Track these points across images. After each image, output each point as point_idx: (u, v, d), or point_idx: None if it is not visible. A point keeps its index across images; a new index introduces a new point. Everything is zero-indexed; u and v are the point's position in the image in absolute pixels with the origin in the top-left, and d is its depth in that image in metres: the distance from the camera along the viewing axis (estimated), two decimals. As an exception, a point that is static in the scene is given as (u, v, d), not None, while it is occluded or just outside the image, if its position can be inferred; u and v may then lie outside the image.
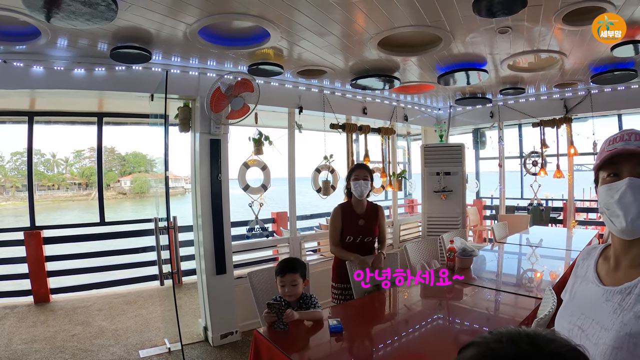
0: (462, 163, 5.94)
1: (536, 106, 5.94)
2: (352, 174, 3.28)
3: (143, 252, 5.88)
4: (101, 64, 3.47)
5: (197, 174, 3.91)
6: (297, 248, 4.86)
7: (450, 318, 2.52)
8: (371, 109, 5.60)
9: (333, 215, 3.29)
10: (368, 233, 3.27)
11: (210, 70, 3.94)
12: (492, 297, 2.80)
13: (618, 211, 1.04)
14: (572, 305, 1.18)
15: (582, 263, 1.24)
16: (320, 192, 5.07)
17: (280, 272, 2.43)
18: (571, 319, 1.13)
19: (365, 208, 3.32)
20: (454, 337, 2.22)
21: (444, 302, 2.84)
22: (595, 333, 1.04)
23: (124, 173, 57.62)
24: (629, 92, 5.16)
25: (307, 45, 3.37)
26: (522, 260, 3.97)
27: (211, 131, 3.86)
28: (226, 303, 4.01)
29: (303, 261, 2.56)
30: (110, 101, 4.80)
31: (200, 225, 3.93)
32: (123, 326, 4.33)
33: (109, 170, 54.59)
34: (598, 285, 1.11)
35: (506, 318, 2.47)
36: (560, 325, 1.18)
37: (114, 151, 57.33)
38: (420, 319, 2.47)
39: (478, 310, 2.63)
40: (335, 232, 3.25)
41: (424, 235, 6.10)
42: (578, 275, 1.23)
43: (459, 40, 3.38)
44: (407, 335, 2.20)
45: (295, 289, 2.41)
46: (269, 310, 2.16)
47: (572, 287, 1.23)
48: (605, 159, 1.07)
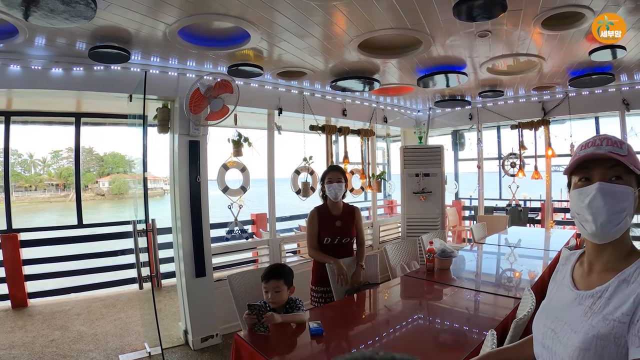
0: (441, 164, 6.00)
1: (515, 108, 6.03)
2: (326, 177, 3.28)
3: (122, 255, 5.78)
4: (79, 63, 3.40)
5: (176, 175, 3.86)
6: (276, 250, 4.84)
7: (431, 318, 2.53)
8: (351, 111, 5.62)
9: (309, 219, 3.29)
10: (345, 234, 3.27)
11: (189, 71, 3.90)
12: (471, 297, 2.83)
13: (588, 216, 1.06)
14: (548, 308, 1.20)
15: (562, 268, 1.26)
16: (300, 194, 5.07)
17: (264, 278, 2.40)
18: (546, 322, 1.16)
19: (342, 209, 3.32)
20: (434, 336, 2.24)
21: (424, 302, 2.86)
22: (565, 335, 1.06)
23: (103, 174, 56.56)
24: (606, 95, 5.27)
25: (287, 46, 3.36)
26: (501, 260, 4.01)
27: (190, 132, 3.82)
28: (206, 306, 3.97)
29: (290, 268, 2.52)
30: (89, 101, 4.71)
31: (179, 227, 3.88)
32: (102, 330, 4.25)
33: (87, 171, 53.55)
34: (572, 289, 1.14)
35: (486, 317, 2.50)
36: (536, 328, 1.20)
37: (92, 151, 56.27)
38: (400, 319, 2.48)
39: (458, 310, 2.65)
40: (312, 235, 3.24)
41: (403, 236, 6.14)
42: (557, 280, 1.26)
43: (439, 44, 3.41)
44: (387, 336, 2.21)
45: (278, 295, 2.37)
46: (249, 312, 2.13)
47: (550, 291, 1.26)
48: (577, 163, 1.09)
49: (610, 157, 1.03)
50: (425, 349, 2.05)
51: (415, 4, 2.61)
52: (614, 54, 3.56)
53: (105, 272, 5.93)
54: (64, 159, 55.35)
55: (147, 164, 3.57)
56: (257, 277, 2.75)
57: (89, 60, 3.30)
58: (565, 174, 1.17)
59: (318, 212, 3.29)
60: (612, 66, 4.28)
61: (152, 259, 3.28)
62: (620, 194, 1.03)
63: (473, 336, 2.13)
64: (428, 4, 2.62)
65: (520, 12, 2.77)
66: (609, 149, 1.05)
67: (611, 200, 1.03)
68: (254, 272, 2.81)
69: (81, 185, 6.13)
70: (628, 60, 4.03)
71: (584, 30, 3.12)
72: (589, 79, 4.46)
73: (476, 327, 2.26)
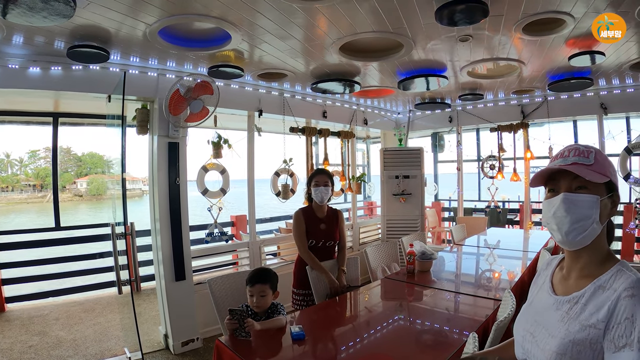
0: (421, 166, 6.05)
1: (494, 111, 6.11)
2: (313, 180, 3.27)
3: (100, 258, 5.68)
4: (57, 62, 3.32)
5: (155, 177, 3.80)
6: (257, 252, 4.80)
7: (411, 319, 2.54)
8: (331, 113, 5.62)
9: (296, 220, 3.26)
10: (330, 237, 3.28)
11: (169, 72, 3.85)
12: (452, 299, 2.85)
13: (554, 225, 1.11)
14: (528, 312, 1.24)
15: (543, 273, 1.29)
16: (280, 196, 5.04)
17: (250, 282, 2.36)
18: (526, 325, 1.20)
19: (326, 212, 3.32)
20: (415, 338, 2.25)
21: (404, 304, 2.87)
22: (543, 339, 1.10)
23: (80, 174, 55.47)
24: (585, 99, 5.38)
25: (268, 48, 3.34)
26: (480, 261, 4.05)
27: (169, 134, 3.77)
28: (186, 310, 3.92)
29: (275, 272, 2.48)
30: (67, 101, 4.60)
31: (159, 229, 3.82)
32: (81, 335, 4.16)
33: (64, 171, 52.51)
34: (550, 294, 1.17)
35: (467, 318, 2.51)
36: (517, 330, 1.24)
37: (70, 151, 55.14)
38: (381, 321, 2.48)
39: (439, 311, 2.67)
40: (302, 236, 3.21)
41: (383, 238, 6.17)
42: (537, 284, 1.29)
43: (420, 47, 3.43)
44: (369, 337, 2.21)
45: (263, 300, 2.34)
46: (230, 317, 2.10)
47: (531, 295, 1.29)
48: (543, 175, 1.15)
49: (570, 171, 1.08)
50: (406, 350, 2.06)
51: (397, 7, 2.62)
52: (592, 60, 3.62)
53: (84, 276, 5.82)
54: (41, 159, 54.13)
55: (126, 165, 3.51)
56: (238, 281, 2.74)
57: (68, 59, 3.22)
58: (531, 186, 1.22)
59: (303, 213, 3.27)
60: (591, 71, 4.35)
61: (131, 263, 3.22)
62: (584, 203, 1.07)
63: (454, 337, 2.15)
64: (410, 8, 2.62)
65: (502, 17, 2.80)
66: (574, 159, 1.10)
67: (575, 209, 1.07)
68: (234, 275, 2.78)
69: (59, 186, 5.99)
70: (606, 66, 4.12)
71: (564, 36, 3.18)
72: (568, 83, 4.53)
73: (457, 328, 2.29)
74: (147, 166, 4.00)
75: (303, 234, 3.20)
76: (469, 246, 4.77)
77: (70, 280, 5.70)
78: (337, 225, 3.34)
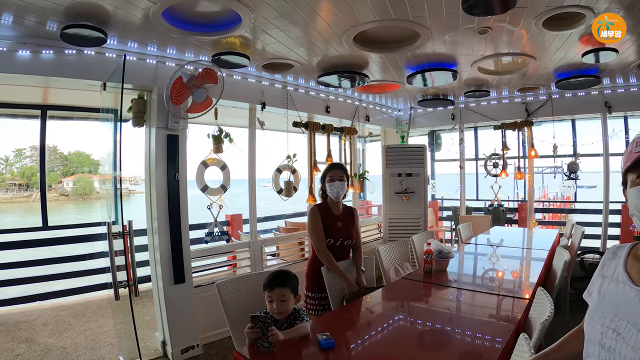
0: (424, 164, 5.94)
1: (498, 109, 6.04)
2: (327, 175, 3.08)
3: (90, 259, 5.41)
4: (49, 46, 3.07)
5: (152, 173, 3.56)
6: (258, 253, 4.62)
7: (444, 324, 2.34)
8: (334, 108, 5.49)
9: (312, 217, 3.04)
10: (347, 236, 3.09)
11: (169, 59, 3.63)
12: (476, 298, 2.72)
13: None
14: (603, 306, 1.15)
15: (609, 263, 1.22)
16: (282, 194, 4.86)
17: (269, 286, 2.14)
18: (604, 321, 1.11)
19: (342, 210, 3.14)
20: (454, 344, 2.05)
21: (430, 306, 2.74)
22: (632, 336, 1.01)
23: (67, 173, 54.46)
24: (589, 97, 5.36)
25: (278, 34, 3.14)
26: (493, 260, 3.92)
27: (169, 126, 3.54)
28: (186, 314, 3.70)
29: (295, 275, 2.26)
30: (57, 92, 4.36)
31: (156, 228, 3.59)
32: (72, 343, 3.93)
33: (50, 170, 51.43)
34: (631, 286, 1.09)
35: (497, 318, 2.40)
36: (592, 328, 1.15)
37: (56, 150, 54.15)
38: (414, 327, 2.29)
39: (467, 312, 2.55)
40: (319, 235, 2.99)
41: (385, 237, 6.04)
42: (605, 275, 1.21)
43: (437, 39, 3.32)
44: (404, 345, 2.02)
45: (284, 305, 2.11)
46: (252, 325, 1.87)
47: (599, 288, 1.21)
48: (635, 160, 1.08)
49: None
50: (450, 358, 1.89)
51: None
52: (605, 57, 3.62)
53: (73, 278, 5.55)
54: (27, 158, 53.01)
55: (122, 159, 3.27)
56: (248, 284, 2.53)
57: (61, 42, 2.99)
58: (622, 172, 1.16)
59: (320, 210, 3.07)
60: (598, 69, 4.32)
61: (130, 266, 2.99)
62: None
63: (494, 340, 1.98)
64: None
65: (525, 9, 2.74)
66: None
67: None
68: (245, 278, 2.56)
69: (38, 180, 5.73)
70: (614, 64, 4.09)
71: (580, 32, 3.14)
72: (575, 81, 4.51)
73: (492, 330, 2.15)
74: (139, 163, 3.76)
75: (321, 232, 2.99)
76: (478, 245, 4.65)
77: (59, 283, 5.40)
78: (354, 223, 3.16)
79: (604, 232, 5.41)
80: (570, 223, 5.24)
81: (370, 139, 8.42)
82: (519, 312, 2.29)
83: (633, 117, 5.66)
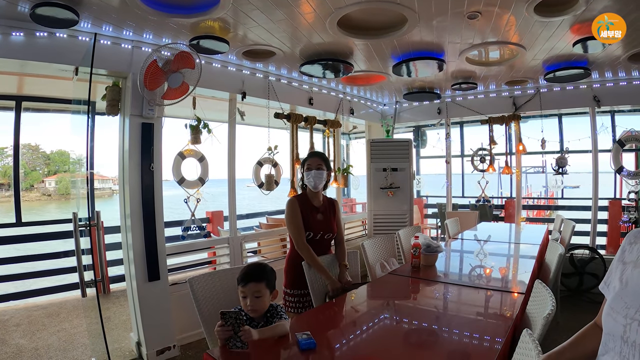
0: (410, 159, 5.83)
1: (485, 103, 5.96)
2: (305, 163, 2.94)
3: (65, 257, 5.21)
4: (20, 28, 2.88)
5: (126, 163, 3.39)
6: (237, 249, 4.47)
7: (435, 320, 2.22)
8: (317, 100, 5.36)
9: (290, 209, 2.88)
10: (327, 229, 2.95)
11: (145, 44, 3.44)
12: (468, 294, 2.61)
13: None
14: (626, 295, 1.04)
15: (630, 247, 1.12)
16: (263, 187, 4.71)
17: (242, 280, 1.96)
18: (627, 312, 1.00)
19: (322, 201, 3.00)
20: (448, 342, 1.93)
21: (420, 302, 2.62)
22: None
23: (49, 173, 53.33)
24: (577, 91, 5.32)
25: (258, 16, 2.98)
26: (483, 255, 3.84)
27: (143, 113, 3.36)
28: (161, 314, 3.52)
29: (272, 268, 2.08)
30: (32, 81, 4.21)
31: (129, 225, 3.41)
32: (44, 344, 3.77)
33: (32, 169, 50.31)
34: None
35: (492, 314, 2.32)
36: (614, 320, 1.03)
37: (38, 149, 52.91)
38: (402, 325, 2.16)
39: (459, 308, 2.44)
40: (299, 228, 2.83)
41: (370, 234, 5.93)
42: (627, 262, 1.11)
43: (424, 24, 3.21)
44: (391, 344, 1.87)
45: (259, 302, 1.94)
46: (223, 322, 1.70)
47: (621, 275, 1.10)
48: None
49: None
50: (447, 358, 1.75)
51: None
52: (596, 46, 3.59)
53: (47, 277, 5.40)
54: (9, 157, 51.76)
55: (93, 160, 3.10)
56: (223, 280, 2.37)
57: (32, 24, 2.81)
58: None
59: (299, 201, 2.92)
60: (588, 61, 4.27)
61: (97, 260, 2.80)
62: None
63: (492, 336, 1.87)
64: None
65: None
66: None
67: None
68: (220, 273, 2.40)
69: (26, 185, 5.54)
70: (606, 55, 4.05)
71: (570, 20, 3.07)
72: (565, 73, 4.44)
73: (489, 326, 2.05)
74: (116, 157, 3.57)
75: (300, 225, 2.84)
76: (467, 240, 4.56)
77: (33, 282, 5.28)
78: (335, 216, 3.02)
79: (593, 228, 5.36)
80: (559, 218, 5.18)
81: (354, 135, 8.32)
82: (516, 308, 2.18)
83: (620, 114, 5.65)
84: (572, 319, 4.11)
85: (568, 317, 4.20)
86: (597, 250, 5.13)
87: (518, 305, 2.23)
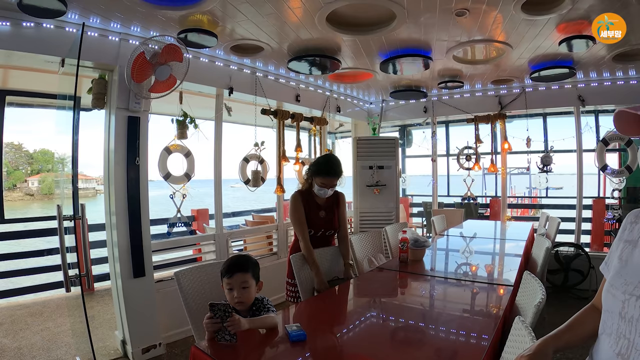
0: (396, 157, 5.84)
1: (471, 102, 6.02)
2: (320, 178, 2.83)
3: (49, 255, 5.10)
4: (6, 17, 2.82)
5: (111, 158, 3.34)
6: (224, 246, 4.45)
7: (424, 312, 2.25)
8: (304, 97, 5.36)
9: (294, 204, 2.85)
10: (330, 226, 2.95)
11: (133, 37, 3.39)
12: (457, 287, 2.63)
13: None
14: (626, 273, 1.05)
15: (631, 227, 1.14)
16: (249, 184, 4.69)
17: (228, 272, 1.91)
18: (626, 288, 1.02)
19: (326, 197, 2.97)
20: (437, 333, 1.92)
21: (410, 295, 2.63)
22: None
23: (32, 172, 52.31)
24: (563, 91, 5.40)
25: (248, 10, 2.96)
26: (470, 249, 3.88)
27: (130, 107, 3.32)
28: (147, 311, 3.48)
29: (255, 260, 2.05)
30: (16, 74, 4.12)
31: (114, 223, 3.36)
32: (27, 343, 3.71)
33: (15, 169, 49.32)
34: None
35: (482, 305, 2.33)
36: (613, 297, 1.06)
37: (21, 148, 51.91)
38: (390, 317, 2.17)
39: (448, 300, 2.45)
40: (302, 224, 2.82)
41: (356, 232, 5.91)
42: (627, 240, 1.12)
43: (412, 21, 3.22)
44: (386, 340, 1.86)
45: (246, 293, 1.91)
46: (212, 314, 1.67)
47: (620, 253, 1.12)
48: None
49: None
50: (438, 348, 1.75)
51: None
52: (581, 46, 3.63)
53: (30, 275, 5.28)
54: (-2, 157, 50.52)
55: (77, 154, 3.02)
56: (210, 274, 2.35)
57: (19, 14, 2.75)
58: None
59: (302, 196, 2.90)
60: (573, 61, 4.32)
61: (82, 256, 2.75)
62: None
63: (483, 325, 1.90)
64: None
65: None
66: None
67: None
68: (207, 267, 2.38)
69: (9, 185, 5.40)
70: (589, 56, 4.12)
71: (557, 19, 3.12)
72: (550, 72, 4.51)
73: (479, 316, 2.12)
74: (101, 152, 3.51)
75: (303, 221, 2.83)
76: (453, 236, 4.59)
77: (15, 280, 5.19)
78: (338, 210, 3.00)
79: (577, 226, 5.44)
80: (544, 215, 5.25)
81: (340, 135, 8.32)
82: (505, 299, 2.20)
83: (604, 114, 5.73)
84: (556, 315, 4.16)
85: (553, 312, 4.25)
86: (582, 247, 5.20)
87: (507, 296, 2.25)
